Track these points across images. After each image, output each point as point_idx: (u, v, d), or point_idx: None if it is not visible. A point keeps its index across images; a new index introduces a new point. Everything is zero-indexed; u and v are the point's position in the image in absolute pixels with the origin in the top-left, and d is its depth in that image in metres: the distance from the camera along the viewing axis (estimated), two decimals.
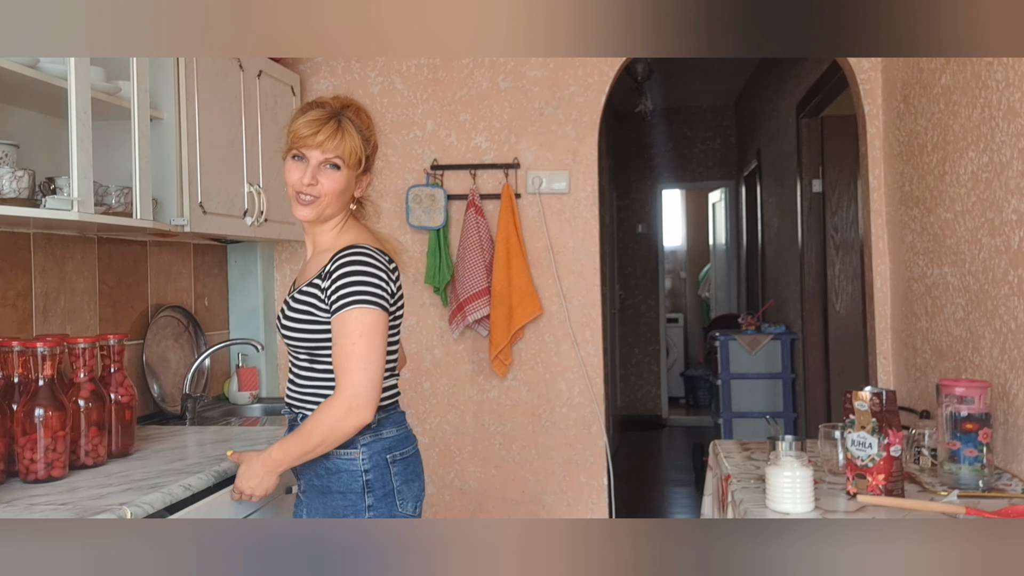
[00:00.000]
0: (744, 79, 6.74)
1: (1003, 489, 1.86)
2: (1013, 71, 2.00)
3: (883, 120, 3.16)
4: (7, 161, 1.97)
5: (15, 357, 1.88)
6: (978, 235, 2.22)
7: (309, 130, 1.75)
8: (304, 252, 3.43)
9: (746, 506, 1.80)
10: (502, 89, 3.47)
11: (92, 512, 1.59)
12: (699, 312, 9.03)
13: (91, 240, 2.58)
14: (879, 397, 1.78)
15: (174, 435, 2.43)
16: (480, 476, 3.48)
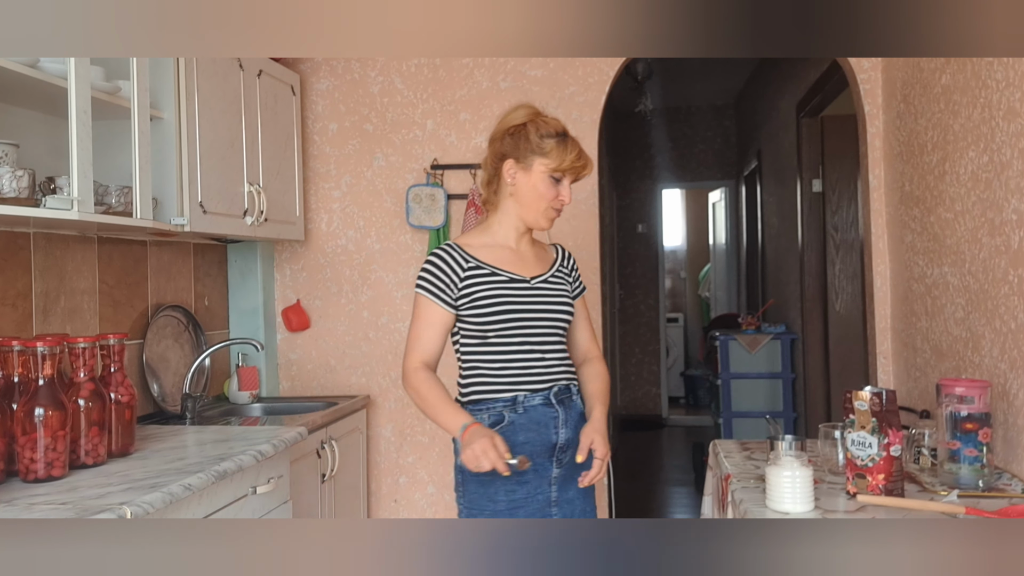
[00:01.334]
0: (744, 79, 6.74)
1: (1003, 489, 1.86)
2: (1013, 71, 2.00)
3: (883, 120, 3.16)
4: (7, 161, 1.97)
5: (15, 357, 1.88)
6: (978, 235, 2.22)
7: (580, 162, 2.03)
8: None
9: (746, 506, 1.80)
10: (502, 89, 3.47)
11: (92, 512, 1.59)
12: (699, 312, 9.03)
13: (91, 240, 2.58)
14: (879, 397, 1.78)
15: (174, 435, 2.43)
16: None
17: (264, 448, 2.22)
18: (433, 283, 2.00)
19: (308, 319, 3.55)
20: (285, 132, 3.26)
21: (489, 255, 2.05)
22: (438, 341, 2.01)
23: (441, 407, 1.95)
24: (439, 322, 2.00)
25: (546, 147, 2.01)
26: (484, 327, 1.99)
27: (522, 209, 2.06)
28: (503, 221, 2.08)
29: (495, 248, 2.07)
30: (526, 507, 1.97)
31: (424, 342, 2.00)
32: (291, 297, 3.57)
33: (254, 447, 2.19)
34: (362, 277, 3.55)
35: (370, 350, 3.54)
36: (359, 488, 3.35)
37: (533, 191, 2.03)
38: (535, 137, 2.01)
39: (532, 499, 1.98)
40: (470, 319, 2.00)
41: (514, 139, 2.03)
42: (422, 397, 1.97)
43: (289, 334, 3.58)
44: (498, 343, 2.00)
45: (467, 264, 2.01)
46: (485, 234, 2.10)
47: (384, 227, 3.54)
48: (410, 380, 1.99)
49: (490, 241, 2.08)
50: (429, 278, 2.00)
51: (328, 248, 3.56)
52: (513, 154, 2.03)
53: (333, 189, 3.56)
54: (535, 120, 2.04)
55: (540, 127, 2.02)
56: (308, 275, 3.57)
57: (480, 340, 2.01)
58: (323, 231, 3.56)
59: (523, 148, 2.02)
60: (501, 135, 2.06)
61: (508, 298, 2.00)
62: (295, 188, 3.35)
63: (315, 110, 3.55)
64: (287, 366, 3.59)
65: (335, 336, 3.56)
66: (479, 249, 2.06)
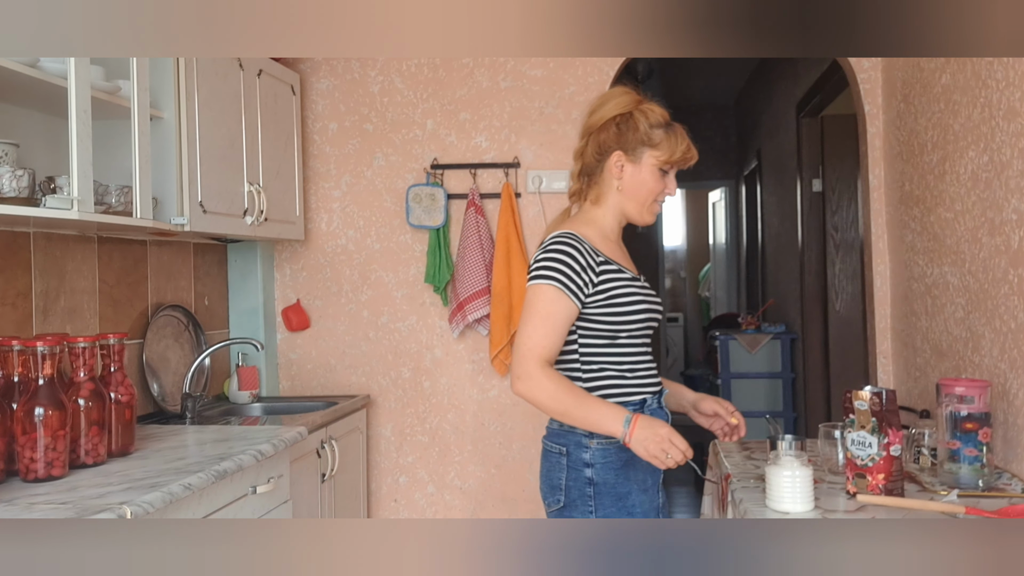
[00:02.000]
0: (744, 79, 6.74)
1: (1003, 489, 1.86)
2: (1013, 71, 1.99)
3: (883, 120, 3.16)
4: (7, 160, 1.97)
5: (15, 356, 1.88)
6: (978, 234, 2.22)
7: (689, 152, 1.93)
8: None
9: (746, 506, 1.80)
10: (502, 88, 3.47)
11: (92, 512, 1.59)
12: (699, 312, 9.03)
13: (91, 239, 2.58)
14: (879, 397, 1.78)
15: (174, 434, 2.43)
16: (480, 476, 3.48)
17: (264, 448, 2.22)
18: (567, 274, 1.81)
19: (308, 319, 3.55)
20: (285, 132, 3.27)
21: (607, 250, 1.93)
22: (563, 338, 1.84)
23: (591, 405, 1.78)
24: (568, 318, 1.83)
25: (656, 138, 1.90)
26: (617, 327, 1.86)
27: (628, 203, 1.94)
28: (608, 215, 1.96)
29: (608, 243, 1.95)
30: (650, 515, 1.91)
31: (552, 339, 1.81)
32: (291, 297, 3.57)
33: (254, 447, 2.19)
34: (362, 277, 3.55)
35: (370, 350, 3.54)
36: (359, 488, 3.35)
37: (642, 185, 1.92)
38: (644, 127, 1.90)
39: (653, 507, 1.92)
40: (601, 318, 1.86)
41: (621, 130, 1.91)
42: (559, 399, 1.78)
43: (289, 334, 3.58)
44: (626, 344, 1.89)
45: (598, 259, 1.87)
46: (593, 227, 1.94)
47: (384, 227, 3.54)
48: (538, 382, 1.78)
49: (601, 234, 1.94)
50: (561, 268, 1.82)
51: (328, 248, 3.56)
52: (621, 146, 1.91)
53: (333, 189, 3.56)
54: (642, 108, 1.92)
55: (649, 116, 1.91)
56: (308, 275, 3.58)
57: (609, 340, 1.88)
58: (323, 231, 3.56)
59: (632, 139, 1.90)
60: (605, 124, 1.93)
61: (637, 297, 1.90)
62: (295, 188, 3.35)
63: (315, 110, 3.55)
64: (287, 366, 3.59)
65: (335, 336, 3.56)
66: (598, 242, 1.92)
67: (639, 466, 1.87)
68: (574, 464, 1.86)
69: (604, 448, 1.85)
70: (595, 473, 1.85)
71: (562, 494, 1.88)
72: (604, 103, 1.95)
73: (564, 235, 1.87)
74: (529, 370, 1.79)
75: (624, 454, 1.84)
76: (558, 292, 1.81)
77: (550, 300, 1.81)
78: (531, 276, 1.86)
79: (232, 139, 2.83)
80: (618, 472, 1.86)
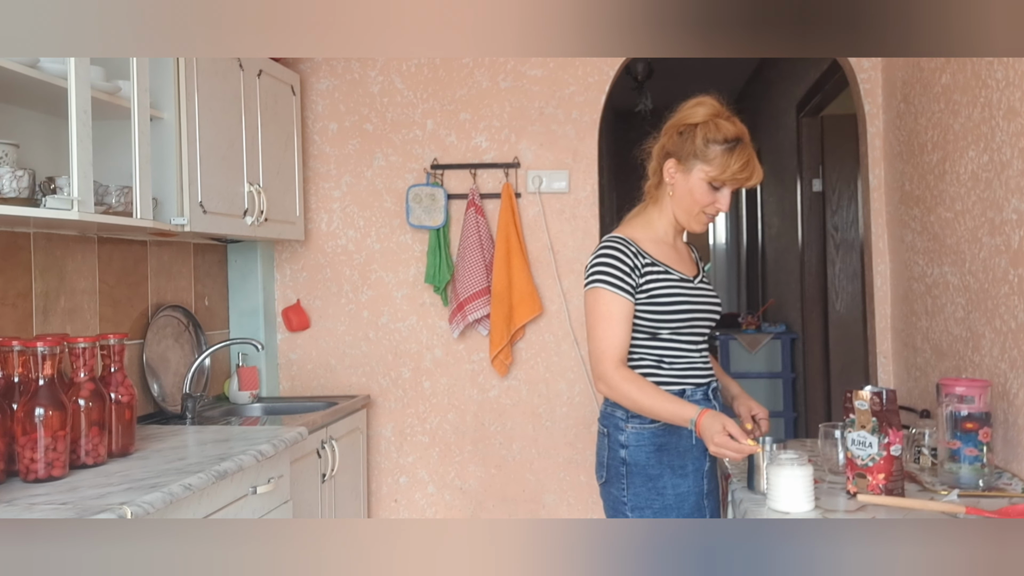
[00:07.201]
0: (744, 79, 6.73)
1: (1003, 488, 1.86)
2: (1013, 71, 1.99)
3: (883, 120, 3.16)
4: (7, 161, 1.97)
5: (15, 357, 1.88)
6: (978, 234, 2.22)
7: (743, 173, 1.95)
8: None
9: (746, 506, 1.80)
10: (502, 88, 3.47)
11: (92, 512, 1.59)
12: None
13: (91, 240, 2.58)
14: (879, 396, 1.78)
15: (174, 435, 2.43)
16: (480, 476, 3.48)
17: (264, 448, 2.22)
18: (615, 275, 1.95)
19: (308, 319, 3.55)
20: (285, 132, 3.26)
21: (657, 251, 2.04)
22: (629, 334, 1.97)
23: (667, 402, 1.90)
24: (627, 313, 1.96)
25: (710, 154, 1.95)
26: (659, 323, 1.99)
27: (677, 209, 2.04)
28: (662, 217, 2.07)
29: (659, 244, 2.06)
30: (688, 500, 2.00)
31: (619, 339, 1.94)
32: (291, 297, 3.57)
33: (254, 447, 2.19)
34: (362, 277, 3.55)
35: (370, 350, 3.54)
36: (359, 488, 3.35)
37: (689, 195, 2.00)
38: (701, 141, 1.95)
39: (692, 492, 2.01)
40: (645, 314, 1.98)
41: (682, 138, 1.99)
42: (632, 398, 1.91)
43: (289, 334, 3.58)
44: (668, 339, 2.01)
45: (643, 259, 1.99)
46: (648, 228, 2.07)
47: (384, 227, 3.54)
48: (615, 383, 1.92)
49: (653, 236, 2.06)
50: (610, 271, 1.96)
51: (328, 248, 3.56)
52: (676, 153, 1.99)
53: (333, 189, 3.56)
54: (709, 122, 1.96)
55: (710, 131, 1.95)
56: (308, 275, 3.57)
57: (650, 335, 2.00)
58: (323, 231, 3.56)
59: (687, 150, 1.97)
60: (672, 131, 2.02)
61: (682, 297, 2.00)
62: (295, 188, 3.35)
63: (315, 110, 3.55)
64: (287, 366, 3.59)
65: (335, 336, 3.56)
66: (647, 244, 2.03)
67: (676, 450, 2.00)
68: (613, 444, 2.02)
69: (638, 432, 1.99)
70: (628, 454, 1.99)
71: (604, 471, 2.04)
72: (684, 108, 2.02)
73: (610, 240, 2.01)
74: (602, 372, 1.94)
75: (659, 439, 1.99)
76: (611, 293, 1.95)
77: (606, 301, 1.95)
78: (586, 283, 2.00)
79: (232, 139, 2.83)
80: (650, 455, 1.99)
